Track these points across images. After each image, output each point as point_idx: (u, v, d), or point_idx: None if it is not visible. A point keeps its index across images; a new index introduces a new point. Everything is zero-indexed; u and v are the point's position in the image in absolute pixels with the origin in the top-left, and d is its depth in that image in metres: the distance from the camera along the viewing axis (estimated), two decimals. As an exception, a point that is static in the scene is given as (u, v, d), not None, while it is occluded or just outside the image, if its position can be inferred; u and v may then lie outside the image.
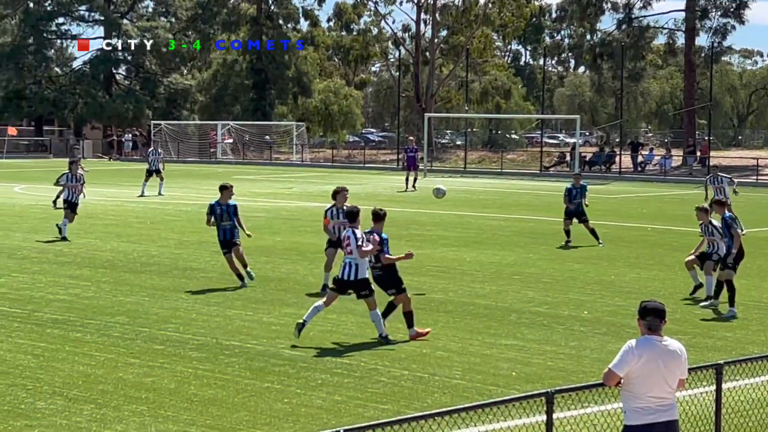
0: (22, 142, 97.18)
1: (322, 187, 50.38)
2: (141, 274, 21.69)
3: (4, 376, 13.06)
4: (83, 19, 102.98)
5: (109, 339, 15.32)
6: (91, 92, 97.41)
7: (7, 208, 36.49)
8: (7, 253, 24.49)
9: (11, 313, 17.16)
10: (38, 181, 52.38)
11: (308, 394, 12.63)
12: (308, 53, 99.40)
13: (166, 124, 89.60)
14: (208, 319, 16.94)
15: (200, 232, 29.29)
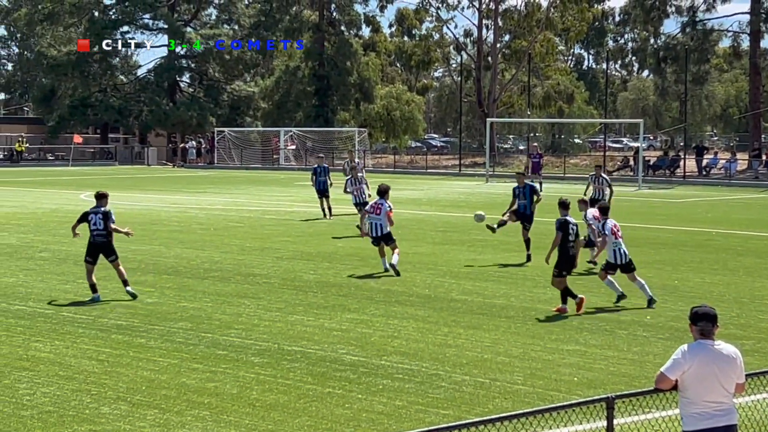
0: (87, 150, 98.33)
1: (384, 192, 50.56)
2: (204, 280, 21.84)
3: (69, 381, 13.21)
4: (147, 27, 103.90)
5: (172, 344, 15.44)
6: (155, 100, 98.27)
7: (73, 216, 36.77)
8: (73, 259, 24.75)
9: (76, 319, 17.35)
10: (104, 189, 52.90)
11: (369, 399, 12.65)
12: (370, 59, 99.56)
13: (229, 131, 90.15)
14: (270, 324, 17.02)
15: (263, 239, 29.47)
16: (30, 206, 41.48)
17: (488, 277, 22.56)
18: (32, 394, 12.58)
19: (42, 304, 18.76)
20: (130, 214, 37.28)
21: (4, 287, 20.54)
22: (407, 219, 35.98)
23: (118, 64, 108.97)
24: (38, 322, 17.04)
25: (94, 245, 19.71)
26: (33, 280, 21.59)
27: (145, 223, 34.36)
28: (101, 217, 19.74)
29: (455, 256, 25.97)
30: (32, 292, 19.98)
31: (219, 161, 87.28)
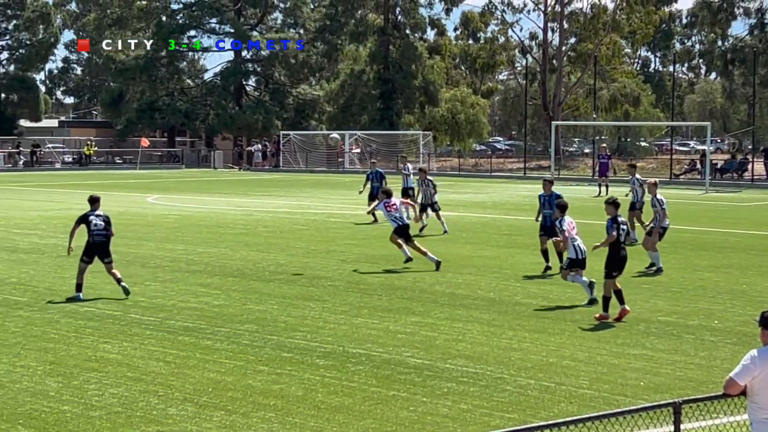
0: (155, 153, 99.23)
1: (448, 195, 50.36)
2: (270, 282, 21.96)
3: (136, 383, 13.35)
4: (214, 31, 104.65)
5: (238, 346, 15.54)
6: (221, 103, 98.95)
7: (140, 218, 37.26)
8: (141, 262, 25.01)
9: (144, 320, 17.53)
10: (171, 191, 53.40)
11: (434, 402, 12.65)
12: (435, 62, 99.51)
13: (294, 135, 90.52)
14: (335, 327, 17.08)
15: (328, 242, 29.58)
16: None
17: (553, 280, 22.47)
18: (101, 395, 12.73)
19: (110, 305, 18.97)
20: (196, 217, 37.58)
21: (73, 289, 20.78)
22: (472, 222, 35.95)
23: (186, 68, 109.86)
24: (107, 323, 17.23)
25: (93, 245, 20.29)
26: (101, 282, 21.80)
27: (212, 226, 34.61)
28: (103, 219, 20.45)
29: (520, 259, 25.90)
30: (101, 294, 20.21)
31: (284, 164, 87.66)
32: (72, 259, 25.05)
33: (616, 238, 17.88)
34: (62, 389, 12.98)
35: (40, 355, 14.79)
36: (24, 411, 12.02)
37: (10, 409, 12.05)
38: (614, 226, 18.01)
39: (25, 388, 13.01)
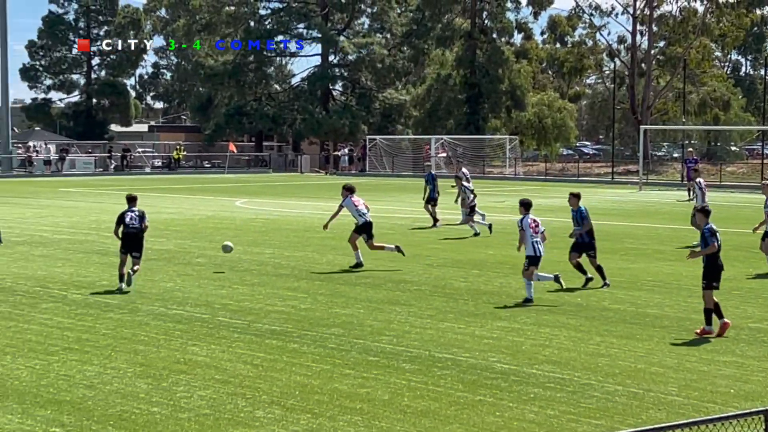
0: (243, 158, 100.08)
1: (536, 200, 50.16)
2: (356, 286, 22.03)
3: (224, 385, 13.47)
4: (301, 36, 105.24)
5: (324, 350, 15.61)
6: (308, 108, 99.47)
7: (229, 222, 37.60)
8: (229, 265, 25.23)
9: (232, 323, 17.67)
10: (258, 196, 53.81)
11: (520, 407, 12.60)
12: (522, 66, 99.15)
13: (381, 139, 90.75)
14: (421, 331, 17.08)
15: (413, 246, 29.57)
16: (187, 213, 42.39)
17: (641, 285, 22.27)
18: (189, 397, 12.86)
19: (199, 308, 19.15)
20: (283, 221, 37.82)
21: (162, 292, 21.05)
22: (558, 227, 35.72)
23: (273, 73, 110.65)
24: (195, 326, 17.40)
25: (129, 238, 21.60)
26: (190, 285, 22.05)
27: (299, 230, 34.81)
28: (138, 215, 21.81)
29: (607, 264, 25.65)
30: (189, 297, 20.42)
31: (370, 169, 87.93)
32: (161, 262, 25.38)
33: (717, 248, 17.00)
34: (152, 391, 13.13)
35: (130, 357, 14.98)
36: (114, 412, 12.19)
37: (101, 411, 12.23)
38: (713, 236, 17.13)
39: (115, 389, 13.19)
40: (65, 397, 12.79)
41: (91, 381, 13.58)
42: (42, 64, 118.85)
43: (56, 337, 16.38)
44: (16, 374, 13.85)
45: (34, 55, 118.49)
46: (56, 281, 22.46)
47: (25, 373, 13.92)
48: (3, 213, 40.68)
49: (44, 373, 13.99)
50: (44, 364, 14.49)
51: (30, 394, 12.89)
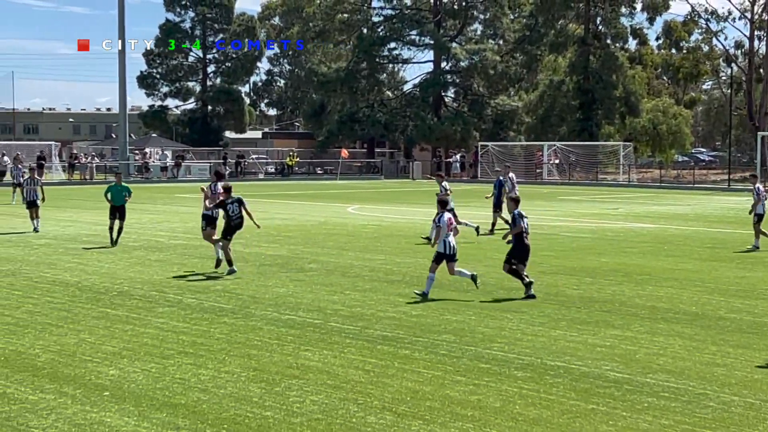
0: (354, 164, 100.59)
1: (649, 207, 49.60)
2: (467, 292, 21.98)
3: (336, 390, 13.54)
4: (414, 43, 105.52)
5: (436, 356, 15.60)
6: (420, 114, 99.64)
7: (341, 228, 37.81)
8: (341, 271, 25.36)
9: (344, 329, 17.76)
10: (370, 202, 54.03)
11: (634, 417, 12.45)
12: (636, 72, 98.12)
13: (492, 146, 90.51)
14: (533, 339, 16.98)
15: (526, 253, 29.42)
16: (299, 219, 42.73)
17: (759, 294, 21.87)
18: (302, 402, 12.95)
19: (311, 314, 19.28)
20: (395, 227, 37.91)
21: (275, 297, 21.24)
22: (673, 234, 35.28)
23: (385, 80, 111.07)
24: (307, 331, 17.52)
25: (232, 227, 24.71)
26: (302, 290, 22.22)
27: (410, 236, 34.86)
28: (237, 204, 24.77)
29: (723, 272, 25.29)
30: (302, 303, 20.57)
31: (482, 175, 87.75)
32: (274, 267, 25.61)
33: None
34: (265, 395, 13.26)
35: (243, 362, 15.14)
36: (228, 416, 12.33)
37: (215, 414, 12.38)
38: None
39: (229, 393, 13.34)
40: (180, 400, 12.98)
41: (206, 385, 13.75)
42: (159, 71, 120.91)
43: (172, 340, 16.63)
44: (133, 377, 14.09)
45: (151, 63, 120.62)
46: (172, 286, 22.80)
47: (142, 376, 14.15)
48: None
49: (160, 376, 14.21)
50: (160, 367, 14.72)
51: (146, 396, 13.10)
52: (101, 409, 12.48)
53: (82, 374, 14.25)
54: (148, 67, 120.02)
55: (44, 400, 12.89)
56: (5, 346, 15.99)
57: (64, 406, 12.59)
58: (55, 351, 15.72)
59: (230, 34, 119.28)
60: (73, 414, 12.29)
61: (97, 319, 18.55)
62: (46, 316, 18.77)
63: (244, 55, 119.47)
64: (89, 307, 19.93)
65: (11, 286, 22.69)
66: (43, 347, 15.99)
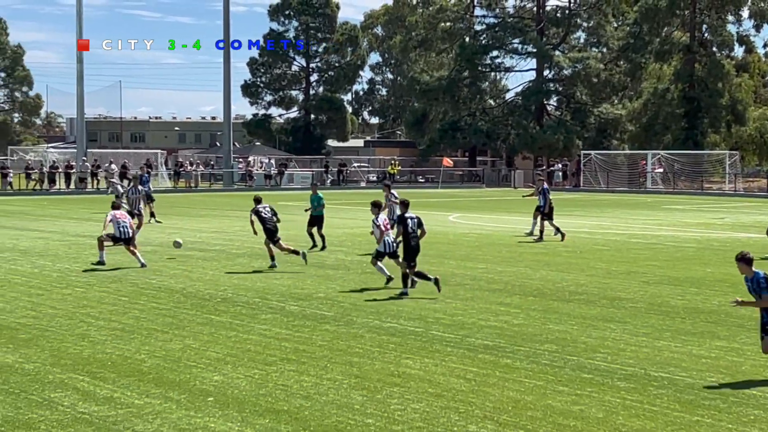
0: (456, 173, 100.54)
1: (756, 217, 48.80)
2: (569, 302, 21.84)
3: (437, 398, 13.53)
4: (516, 51, 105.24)
5: (537, 366, 15.52)
6: (522, 123, 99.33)
7: (441, 236, 37.81)
8: (443, 279, 25.33)
9: (445, 337, 17.75)
10: (471, 210, 53.95)
11: (740, 429, 12.26)
12: (743, 80, 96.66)
13: (595, 154, 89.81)
14: (637, 349, 16.81)
15: (629, 262, 29.16)
16: (401, 227, 42.77)
17: None
18: (403, 410, 12.97)
19: (412, 322, 19.31)
20: (496, 236, 37.80)
21: (376, 305, 21.31)
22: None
23: (487, 88, 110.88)
24: (409, 339, 17.54)
25: (270, 231, 27.62)
26: (404, 299, 22.25)
27: (511, 245, 34.74)
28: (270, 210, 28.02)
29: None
30: (403, 311, 20.60)
31: (585, 184, 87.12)
32: (376, 275, 25.68)
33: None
34: (366, 402, 13.30)
35: (345, 369, 15.21)
36: (330, 423, 12.39)
37: (317, 421, 12.45)
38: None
39: (331, 400, 13.41)
40: (283, 406, 13.08)
41: (308, 391, 13.84)
42: (263, 80, 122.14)
43: (274, 347, 16.77)
44: (236, 383, 14.24)
45: (255, 72, 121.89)
46: (275, 293, 23.00)
47: (245, 382, 14.29)
48: (224, 225, 41.94)
49: (263, 382, 14.34)
50: (263, 373, 14.85)
51: (249, 402, 13.23)
52: (205, 414, 12.64)
53: (187, 379, 14.44)
54: (252, 76, 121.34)
55: (150, 404, 13.09)
56: (112, 351, 16.28)
57: (169, 411, 12.78)
58: (161, 356, 15.96)
59: (333, 43, 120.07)
60: (178, 419, 12.46)
61: (202, 325, 18.79)
62: (151, 322, 19.06)
63: (347, 64, 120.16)
64: (194, 313, 20.20)
65: (118, 291, 23.09)
66: (149, 352, 16.24)
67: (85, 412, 12.68)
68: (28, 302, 21.40)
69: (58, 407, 12.89)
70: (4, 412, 12.58)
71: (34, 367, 15.09)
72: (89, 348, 16.55)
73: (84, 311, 20.25)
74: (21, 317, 19.47)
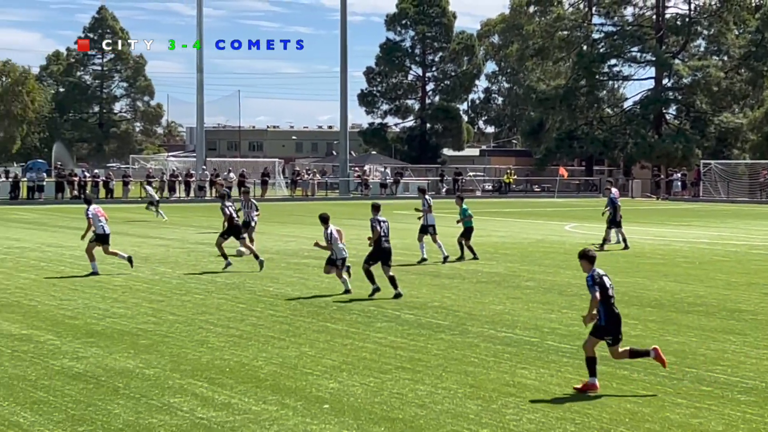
0: (572, 182, 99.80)
1: None
2: (688, 314, 21.53)
3: (553, 409, 13.43)
4: (635, 60, 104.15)
5: (655, 378, 15.33)
6: (640, 132, 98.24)
7: (558, 246, 37.58)
8: (558, 289, 25.20)
9: (561, 348, 17.63)
10: (588, 220, 53.49)
11: None
12: None
13: (715, 164, 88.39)
14: (757, 362, 16.50)
15: (749, 274, 28.66)
16: (517, 236, 42.67)
17: None
18: (518, 420, 12.92)
19: (528, 332, 19.22)
20: (612, 246, 37.43)
21: (491, 314, 21.26)
22: None
23: (605, 97, 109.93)
24: (524, 349, 17.47)
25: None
26: (519, 308, 22.17)
27: (628, 255, 34.39)
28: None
29: None
30: (518, 320, 20.53)
31: (704, 194, 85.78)
32: (491, 285, 25.60)
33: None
34: (481, 412, 13.28)
35: (460, 378, 15.20)
36: None
37: (432, 430, 12.46)
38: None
39: (446, 409, 13.41)
40: (398, 414, 13.12)
41: (423, 400, 13.87)
42: (379, 90, 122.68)
43: (389, 355, 16.82)
44: (352, 391, 14.32)
45: (371, 82, 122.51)
46: (390, 301, 23.07)
47: (360, 390, 14.37)
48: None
49: (378, 390, 14.40)
50: (378, 381, 14.92)
51: (364, 410, 13.30)
52: (321, 422, 12.73)
53: (303, 386, 14.57)
54: (368, 86, 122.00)
55: (267, 411, 13.23)
56: (230, 358, 16.49)
57: (285, 418, 12.90)
58: (277, 363, 16.12)
59: (449, 52, 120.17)
60: (294, 425, 12.58)
61: (318, 332, 18.94)
62: (268, 329, 19.27)
63: (463, 73, 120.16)
64: (310, 320, 20.36)
65: (236, 299, 23.39)
66: (266, 359, 16.42)
67: (203, 417, 12.87)
68: (149, 308, 21.80)
69: (177, 412, 13.10)
70: (125, 417, 12.83)
71: (154, 373, 15.36)
72: (208, 354, 16.79)
73: (203, 318, 20.55)
74: (142, 323, 19.84)
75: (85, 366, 15.76)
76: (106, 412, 13.03)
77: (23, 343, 17.56)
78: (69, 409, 13.17)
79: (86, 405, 13.40)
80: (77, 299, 23.06)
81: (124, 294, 24.03)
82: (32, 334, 18.45)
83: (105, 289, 24.78)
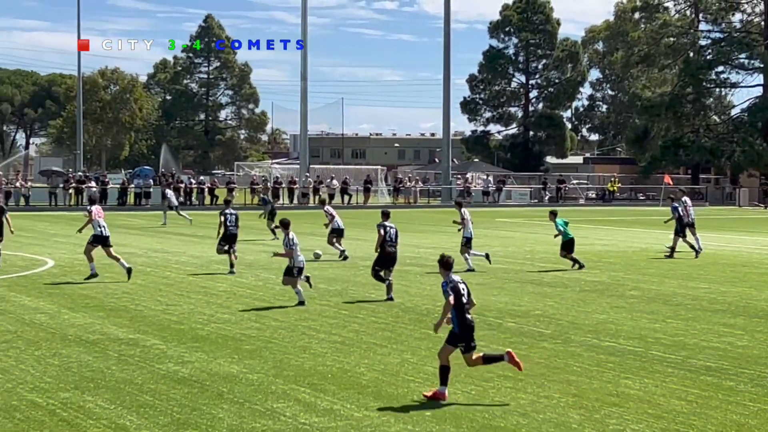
0: (678, 190, 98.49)
1: None
2: (797, 325, 21.14)
3: (657, 420, 13.29)
4: (743, 66, 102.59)
5: (763, 390, 15.08)
6: (748, 140, 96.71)
7: (662, 254, 37.13)
8: (662, 299, 24.92)
9: (665, 358, 17.43)
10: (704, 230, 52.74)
11: None
12: None
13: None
14: None
15: None
16: (621, 245, 42.28)
17: None
18: (622, 430, 12.80)
19: (631, 341, 19.02)
20: (719, 255, 36.93)
21: (595, 323, 21.09)
22: None
23: (712, 104, 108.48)
24: (628, 359, 17.30)
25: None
26: (623, 317, 21.96)
27: (736, 264, 33.87)
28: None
29: None
30: (622, 330, 20.33)
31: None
32: (594, 294, 25.40)
33: None
34: (584, 422, 13.18)
35: (562, 387, 15.10)
36: (547, 440, 12.35)
37: (534, 438, 12.42)
38: None
39: (548, 418, 13.34)
40: (500, 423, 13.08)
41: (525, 409, 13.80)
42: (481, 97, 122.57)
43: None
44: (453, 398, 14.30)
45: (474, 89, 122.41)
46: (492, 309, 23.01)
47: (462, 398, 14.35)
48: (442, 241, 42.08)
49: (480, 398, 14.37)
50: (480, 390, 14.88)
51: (466, 418, 13.28)
52: (423, 429, 12.74)
53: (405, 393, 14.59)
54: (471, 93, 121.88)
55: (368, 417, 13.27)
56: (332, 364, 16.58)
57: (387, 425, 12.93)
58: (379, 370, 16.17)
59: (553, 59, 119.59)
60: (396, 432, 12.61)
61: (420, 340, 18.95)
62: (370, 336, 19.34)
63: (567, 80, 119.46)
64: (412, 327, 20.39)
65: (338, 305, 23.52)
66: (368, 366, 16.47)
67: (306, 423, 12.96)
68: (253, 314, 22.01)
69: (280, 417, 13.21)
70: (229, 421, 12.97)
71: (258, 378, 15.50)
72: (310, 360, 16.90)
73: (305, 324, 20.69)
74: (246, 329, 20.04)
75: (190, 370, 15.97)
76: (210, 417, 13.18)
77: (130, 348, 17.85)
78: (174, 413, 13.36)
79: (191, 409, 13.58)
80: (183, 304, 23.38)
81: (228, 300, 24.30)
82: (138, 339, 18.75)
83: (210, 295, 25.09)
